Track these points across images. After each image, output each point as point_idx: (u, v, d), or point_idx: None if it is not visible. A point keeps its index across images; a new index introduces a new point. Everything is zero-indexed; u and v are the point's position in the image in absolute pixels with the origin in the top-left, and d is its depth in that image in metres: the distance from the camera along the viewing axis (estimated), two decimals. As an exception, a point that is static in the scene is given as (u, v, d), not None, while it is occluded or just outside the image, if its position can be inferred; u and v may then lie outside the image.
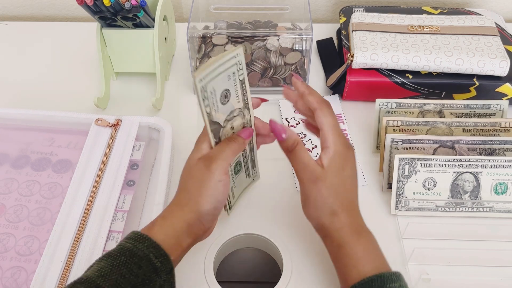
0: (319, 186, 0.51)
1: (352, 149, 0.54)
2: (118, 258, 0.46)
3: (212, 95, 0.49)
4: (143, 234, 0.48)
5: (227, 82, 0.50)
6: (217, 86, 0.49)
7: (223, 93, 0.50)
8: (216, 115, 0.50)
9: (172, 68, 0.84)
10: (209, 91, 0.48)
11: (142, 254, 0.46)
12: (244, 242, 0.63)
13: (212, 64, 0.47)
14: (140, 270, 0.46)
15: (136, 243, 0.47)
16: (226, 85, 0.50)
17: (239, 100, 0.52)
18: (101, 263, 0.46)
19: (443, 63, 0.71)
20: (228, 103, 0.51)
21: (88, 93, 0.78)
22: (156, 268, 0.46)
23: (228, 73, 0.49)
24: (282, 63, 0.77)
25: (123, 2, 0.66)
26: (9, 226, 0.59)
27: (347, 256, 0.50)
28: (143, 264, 0.46)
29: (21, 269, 0.56)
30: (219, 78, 0.49)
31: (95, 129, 0.68)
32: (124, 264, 0.46)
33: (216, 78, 0.48)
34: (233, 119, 0.53)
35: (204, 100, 0.48)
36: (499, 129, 0.65)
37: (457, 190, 0.62)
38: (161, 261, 0.47)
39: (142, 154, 0.66)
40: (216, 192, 0.51)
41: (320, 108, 0.53)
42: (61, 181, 0.64)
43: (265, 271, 0.75)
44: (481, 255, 0.58)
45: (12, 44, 0.89)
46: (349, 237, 0.51)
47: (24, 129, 0.70)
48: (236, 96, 0.52)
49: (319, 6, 0.97)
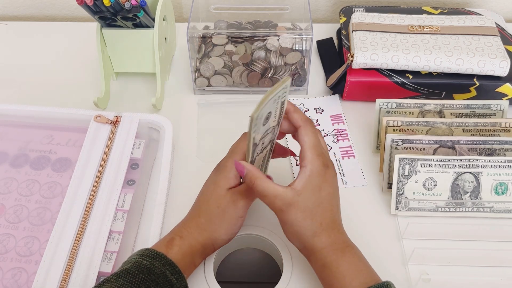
0: (293, 211, 0.51)
1: (331, 167, 0.53)
2: (136, 275, 0.48)
3: (257, 121, 0.48)
4: (158, 252, 0.50)
5: (272, 106, 0.50)
6: (262, 114, 0.49)
7: (266, 116, 0.50)
8: (256, 136, 0.50)
9: (172, 68, 0.84)
10: (258, 120, 0.48)
11: (159, 272, 0.49)
12: (244, 242, 0.63)
13: (266, 100, 0.47)
14: (158, 286, 0.48)
15: (153, 261, 0.49)
16: (271, 109, 0.50)
17: (276, 119, 0.52)
18: (119, 280, 0.48)
19: (443, 63, 0.71)
20: (267, 123, 0.51)
21: (88, 93, 0.78)
22: (172, 285, 0.49)
23: (275, 99, 0.49)
24: (282, 63, 0.77)
25: (123, 2, 0.66)
26: (9, 227, 0.59)
27: (332, 275, 0.50)
28: (160, 281, 0.48)
29: (21, 270, 0.56)
30: (268, 105, 0.48)
31: (95, 126, 0.67)
32: (142, 281, 0.48)
33: (266, 106, 0.48)
34: (266, 136, 0.53)
35: (254, 130, 0.48)
36: (499, 129, 0.65)
37: (457, 190, 0.62)
38: (176, 278, 0.49)
39: (142, 152, 0.66)
40: (234, 227, 0.55)
41: (303, 126, 0.52)
42: (60, 180, 0.64)
43: (265, 271, 0.75)
44: (481, 255, 0.58)
45: (12, 44, 0.89)
46: (331, 256, 0.51)
47: (22, 126, 0.69)
48: (274, 116, 0.51)
49: (319, 6, 0.97)
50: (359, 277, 0.49)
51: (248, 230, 0.62)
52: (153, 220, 0.60)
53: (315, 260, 0.52)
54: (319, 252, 0.51)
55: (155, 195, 0.63)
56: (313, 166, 0.51)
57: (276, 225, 0.62)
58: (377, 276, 0.50)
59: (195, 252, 0.53)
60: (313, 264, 0.53)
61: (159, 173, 0.64)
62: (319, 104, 0.77)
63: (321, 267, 0.51)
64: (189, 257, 0.53)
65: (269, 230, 0.62)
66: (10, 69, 0.84)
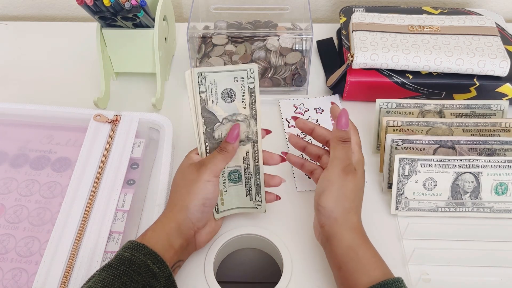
0: (349, 178, 0.53)
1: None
2: (118, 268, 0.48)
3: (212, 86, 0.53)
4: (139, 243, 0.50)
5: (233, 84, 0.53)
6: (219, 81, 0.53)
7: (226, 91, 0.53)
8: (213, 106, 0.54)
9: (172, 68, 0.84)
10: (209, 80, 0.53)
11: (140, 262, 0.49)
12: (244, 243, 0.63)
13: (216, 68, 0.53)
14: (140, 276, 0.48)
15: (134, 252, 0.50)
16: (231, 85, 0.54)
17: (246, 106, 0.55)
18: (102, 274, 0.48)
19: (443, 63, 0.71)
20: (232, 103, 0.54)
21: (88, 93, 0.78)
22: (154, 274, 0.49)
23: (234, 75, 0.53)
24: (282, 63, 0.77)
25: (123, 2, 0.66)
26: (9, 227, 0.59)
27: (356, 259, 0.50)
28: (142, 271, 0.48)
29: (22, 270, 0.56)
30: (223, 75, 0.53)
31: (94, 125, 0.67)
32: (124, 273, 0.48)
33: (219, 73, 0.52)
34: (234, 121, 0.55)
35: (200, 86, 0.52)
36: (499, 129, 0.65)
37: (457, 190, 0.62)
38: (159, 267, 0.49)
39: (142, 152, 0.66)
40: (204, 190, 0.54)
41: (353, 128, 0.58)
42: (60, 180, 0.64)
43: (265, 271, 0.75)
44: (481, 256, 0.58)
45: (12, 44, 0.89)
46: (360, 239, 0.52)
47: (22, 125, 0.69)
48: (242, 100, 0.54)
49: (319, 6, 0.97)
50: (381, 267, 0.50)
51: (248, 230, 0.62)
52: (153, 220, 0.60)
53: (340, 240, 0.52)
54: (349, 232, 0.52)
55: (155, 195, 0.63)
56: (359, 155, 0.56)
57: (276, 226, 0.62)
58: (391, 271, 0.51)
59: (170, 232, 0.52)
60: (335, 245, 0.52)
61: (159, 173, 0.64)
62: (319, 104, 0.77)
63: (346, 249, 0.51)
64: (164, 239, 0.52)
65: (269, 230, 0.62)
66: (10, 69, 0.84)
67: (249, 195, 0.60)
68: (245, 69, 0.53)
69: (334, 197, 0.53)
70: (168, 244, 0.52)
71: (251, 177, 0.59)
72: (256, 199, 0.60)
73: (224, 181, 0.59)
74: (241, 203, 0.60)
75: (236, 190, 0.59)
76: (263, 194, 0.60)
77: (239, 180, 0.59)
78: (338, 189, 0.53)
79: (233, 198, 0.60)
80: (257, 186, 0.59)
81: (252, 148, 0.57)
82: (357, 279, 0.49)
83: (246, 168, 0.58)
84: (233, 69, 0.53)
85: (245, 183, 0.59)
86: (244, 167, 0.58)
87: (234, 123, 0.55)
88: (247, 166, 0.58)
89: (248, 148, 0.57)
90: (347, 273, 0.50)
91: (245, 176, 0.59)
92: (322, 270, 0.58)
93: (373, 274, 0.49)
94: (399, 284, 0.48)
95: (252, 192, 0.59)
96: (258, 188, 0.59)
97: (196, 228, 0.55)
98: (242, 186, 0.59)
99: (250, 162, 0.58)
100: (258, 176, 0.58)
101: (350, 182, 0.53)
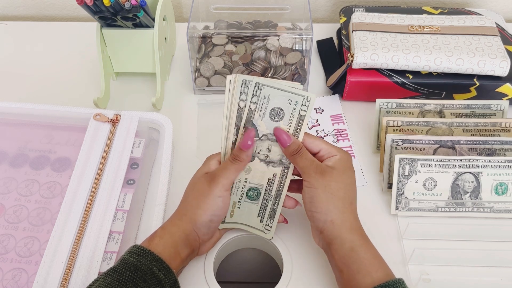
0: (327, 178, 0.52)
1: (351, 160, 0.55)
2: (123, 273, 0.48)
3: (264, 100, 0.52)
4: (145, 249, 0.50)
5: (286, 105, 0.53)
6: (273, 97, 0.52)
7: (276, 109, 0.53)
8: (258, 120, 0.54)
9: (172, 68, 0.84)
10: (263, 94, 0.52)
11: (146, 268, 0.48)
12: (244, 243, 0.63)
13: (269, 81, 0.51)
14: (145, 283, 0.47)
15: (140, 257, 0.49)
16: (283, 106, 0.53)
17: (289, 131, 0.54)
18: (107, 279, 0.48)
19: (443, 63, 0.71)
20: (277, 123, 0.54)
21: (88, 93, 0.78)
22: (160, 280, 0.48)
23: (290, 97, 0.52)
24: (282, 63, 0.77)
25: (123, 2, 0.66)
26: (8, 227, 0.59)
27: (359, 261, 0.50)
28: (147, 278, 0.48)
29: (21, 271, 0.56)
30: (279, 93, 0.52)
31: (94, 125, 0.67)
32: (130, 279, 0.47)
33: (275, 90, 0.51)
34: (274, 143, 0.55)
35: (241, 94, 0.51)
36: (499, 129, 0.65)
37: (458, 190, 0.62)
38: (164, 274, 0.49)
39: (142, 152, 0.66)
40: (214, 207, 0.53)
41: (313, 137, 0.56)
42: (60, 180, 0.64)
43: (265, 271, 0.75)
44: (481, 256, 0.58)
45: (12, 44, 0.89)
46: (361, 241, 0.51)
47: (22, 125, 0.69)
48: (288, 124, 0.54)
49: (319, 6, 0.97)
50: (382, 268, 0.50)
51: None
52: (153, 220, 0.60)
53: (342, 243, 0.51)
54: (349, 233, 0.51)
55: (155, 195, 0.62)
56: (340, 153, 0.54)
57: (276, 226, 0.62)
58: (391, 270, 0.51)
59: (178, 240, 0.52)
60: (338, 247, 0.51)
61: (159, 173, 0.64)
62: (319, 104, 0.77)
63: (348, 251, 0.51)
64: (171, 247, 0.51)
65: (269, 230, 0.62)
66: (10, 68, 0.84)
67: (260, 217, 0.58)
68: (302, 95, 0.52)
69: (323, 199, 0.52)
70: (175, 252, 0.52)
71: (270, 200, 0.57)
72: (267, 223, 0.58)
73: (242, 195, 0.57)
74: (250, 222, 0.59)
75: (249, 207, 0.58)
76: (276, 221, 0.58)
77: (257, 199, 0.57)
78: (323, 191, 0.52)
79: (243, 214, 0.58)
80: (272, 210, 0.57)
81: (281, 172, 0.56)
82: (360, 280, 0.49)
83: (268, 189, 0.57)
84: (291, 91, 0.52)
85: (261, 204, 0.57)
86: (266, 188, 0.57)
87: (272, 142, 0.54)
88: (269, 188, 0.57)
89: (277, 171, 0.56)
90: (350, 275, 0.50)
91: (264, 197, 0.57)
92: (322, 270, 0.58)
93: (375, 275, 0.49)
94: (401, 285, 0.48)
95: (265, 215, 0.58)
96: (273, 213, 0.57)
97: (201, 240, 0.55)
98: (257, 205, 0.58)
99: (274, 186, 0.56)
100: (277, 202, 0.57)
101: (331, 181, 0.52)
